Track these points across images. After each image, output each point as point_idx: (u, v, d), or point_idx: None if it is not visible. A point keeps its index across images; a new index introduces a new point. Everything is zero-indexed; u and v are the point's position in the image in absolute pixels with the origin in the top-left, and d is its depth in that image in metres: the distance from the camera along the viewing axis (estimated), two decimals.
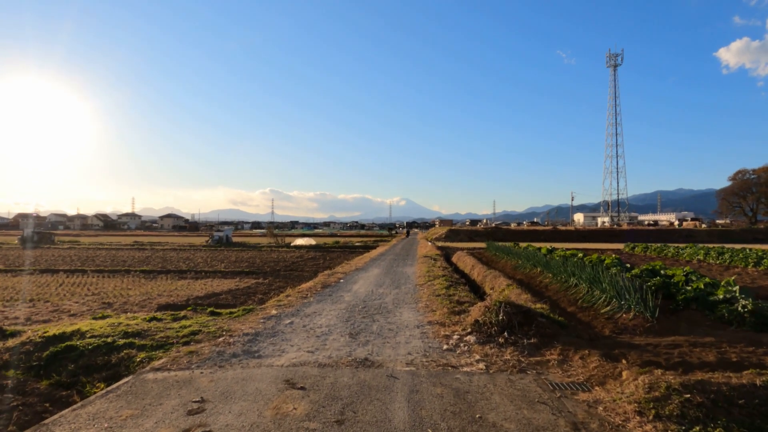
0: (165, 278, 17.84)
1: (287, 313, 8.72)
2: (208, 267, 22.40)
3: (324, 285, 13.05)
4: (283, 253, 34.35)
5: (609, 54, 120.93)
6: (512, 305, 7.14)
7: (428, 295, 10.94)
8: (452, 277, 14.45)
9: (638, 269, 11.53)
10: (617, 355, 5.62)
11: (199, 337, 6.96)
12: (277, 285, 15.71)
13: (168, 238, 66.13)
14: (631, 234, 64.90)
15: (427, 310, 9.03)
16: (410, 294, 11.36)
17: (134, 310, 11.26)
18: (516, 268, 16.27)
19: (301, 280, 17.05)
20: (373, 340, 6.76)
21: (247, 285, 15.85)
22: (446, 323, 7.69)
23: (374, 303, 10.02)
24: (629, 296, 7.79)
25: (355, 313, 8.74)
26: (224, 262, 25.73)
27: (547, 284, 12.05)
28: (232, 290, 14.51)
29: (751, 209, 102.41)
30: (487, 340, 6.53)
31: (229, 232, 50.38)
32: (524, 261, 15.98)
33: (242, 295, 13.52)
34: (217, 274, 19.44)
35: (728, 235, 61.54)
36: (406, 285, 13.14)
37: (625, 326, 7.14)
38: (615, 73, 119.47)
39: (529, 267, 14.98)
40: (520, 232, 69.49)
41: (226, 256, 30.49)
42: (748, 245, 40.25)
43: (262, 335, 7.01)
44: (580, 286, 10.16)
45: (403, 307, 9.44)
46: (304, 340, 6.75)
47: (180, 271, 20.06)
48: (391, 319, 8.20)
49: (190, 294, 13.68)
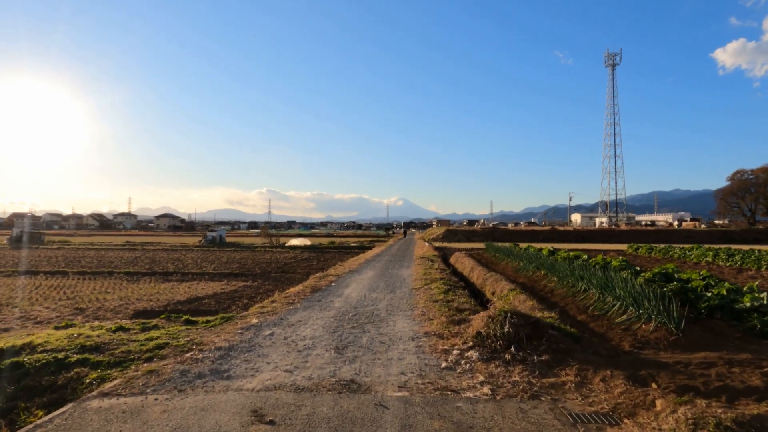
0: (149, 281, 16.98)
1: (269, 322, 7.89)
2: (196, 268, 21.54)
3: (314, 289, 12.22)
4: (276, 254, 33.50)
5: (607, 53, 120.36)
6: (519, 315, 6.33)
7: (425, 300, 10.14)
8: (450, 280, 13.65)
9: (650, 273, 10.75)
10: (645, 377, 4.82)
11: (165, 351, 6.13)
12: (266, 288, 14.88)
13: (161, 238, 65.12)
14: (630, 234, 64.24)
15: (424, 318, 8.22)
16: (405, 299, 10.55)
17: (107, 316, 10.43)
18: (518, 270, 15.48)
19: (291, 282, 16.22)
20: (362, 355, 5.94)
21: (233, 288, 15.01)
22: (445, 335, 6.88)
23: (366, 310, 9.20)
24: (648, 304, 6.99)
25: (344, 322, 7.92)
26: (214, 264, 24.87)
27: (552, 289, 11.25)
28: (217, 294, 13.67)
29: (749, 209, 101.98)
30: (492, 356, 5.72)
31: (223, 232, 49.48)
32: (526, 263, 15.19)
33: (227, 299, 12.68)
34: (205, 276, 18.60)
35: (729, 236, 60.97)
36: (401, 289, 12.33)
37: (646, 339, 6.34)
38: (613, 72, 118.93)
39: (532, 269, 14.18)
40: (518, 233, 68.76)
41: (217, 257, 29.62)
42: (749, 246, 39.61)
43: (236, 350, 6.18)
44: (590, 292, 9.36)
45: (398, 315, 8.62)
46: (284, 355, 5.93)
47: (166, 273, 19.20)
48: (384, 330, 7.38)
49: (172, 298, 12.84)
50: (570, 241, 59.28)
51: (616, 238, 61.41)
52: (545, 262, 13.34)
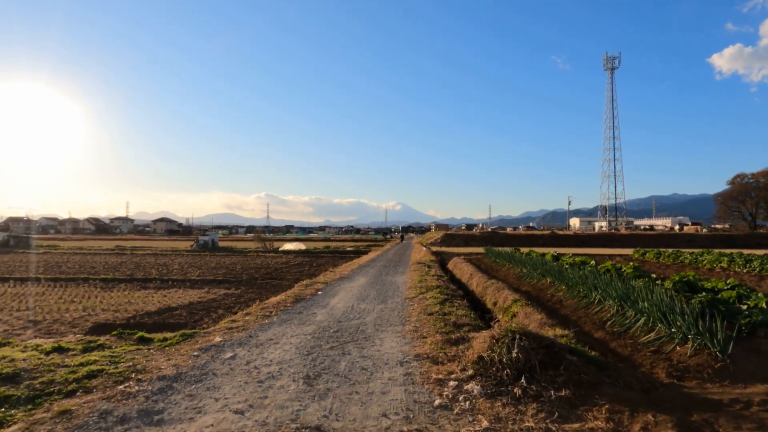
0: (124, 288, 15.80)
1: (234, 341, 6.74)
2: (180, 275, 20.36)
3: (297, 298, 11.07)
4: (268, 259, 32.33)
5: (606, 57, 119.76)
6: (530, 336, 5.20)
7: (418, 312, 9.00)
8: (448, 288, 12.51)
9: (669, 281, 9.63)
10: (699, 424, 3.70)
11: (96, 382, 4.97)
12: (248, 297, 13.71)
13: (154, 243, 63.88)
14: (632, 239, 63.23)
15: (416, 335, 7.07)
16: (397, 311, 9.40)
17: (61, 330, 9.26)
18: (520, 277, 14.34)
19: (277, 290, 15.07)
20: (337, 387, 4.80)
21: (213, 297, 13.84)
22: (440, 358, 5.74)
23: (351, 324, 8.05)
24: (682, 321, 5.86)
25: (322, 341, 6.77)
26: (201, 269, 23.69)
27: (561, 299, 10.12)
28: (192, 304, 12.51)
29: (750, 213, 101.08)
30: (498, 390, 4.58)
31: (215, 236, 48.30)
32: (530, 270, 14.06)
33: (201, 310, 11.53)
34: (186, 283, 17.42)
35: (731, 240, 59.94)
36: (393, 299, 11.18)
37: (684, 366, 5.21)
38: (612, 76, 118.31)
39: (537, 277, 13.04)
40: (517, 237, 67.67)
41: (206, 262, 28.43)
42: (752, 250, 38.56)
43: (182, 380, 5.03)
44: (606, 303, 8.23)
45: (386, 331, 7.47)
46: (239, 388, 4.78)
47: (145, 280, 18.02)
48: (368, 351, 6.23)
49: (142, 309, 11.68)
50: (570, 245, 58.20)
51: (618, 243, 60.37)
52: (552, 269, 12.21)
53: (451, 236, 67.60)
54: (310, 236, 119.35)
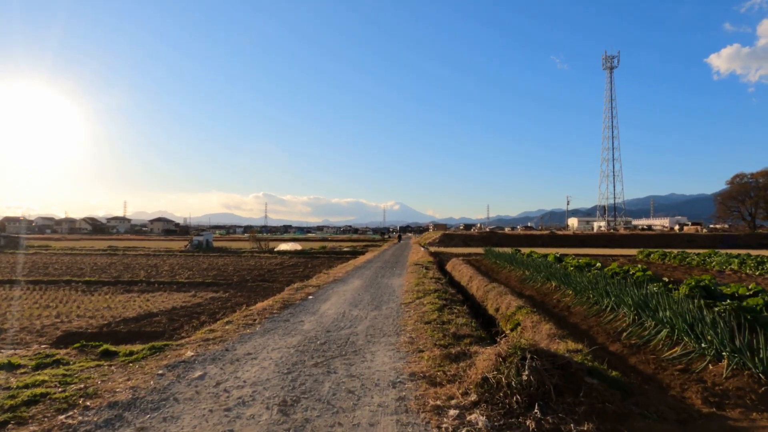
0: (107, 292, 15.05)
1: (208, 356, 6.01)
2: (168, 277, 19.60)
3: (285, 304, 10.35)
4: (262, 260, 31.57)
5: (605, 56, 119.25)
6: (542, 355, 4.48)
7: (415, 321, 8.28)
8: (447, 292, 11.79)
9: (685, 286, 8.93)
10: None
11: (34, 410, 4.24)
12: (235, 301, 12.98)
13: (149, 243, 63.01)
14: (631, 239, 62.66)
15: (412, 349, 6.35)
16: (392, 319, 8.68)
17: (26, 340, 8.52)
18: (523, 280, 13.62)
19: (267, 293, 14.35)
20: (317, 417, 4.07)
21: (199, 301, 13.10)
22: (438, 378, 5.02)
23: (341, 335, 7.33)
24: (713, 335, 5.15)
25: (306, 356, 6.04)
26: (191, 271, 22.94)
27: (568, 305, 9.41)
28: (175, 309, 11.76)
29: (749, 213, 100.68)
30: (507, 421, 3.86)
31: (210, 236, 47.49)
32: (533, 272, 13.34)
33: (184, 316, 10.78)
34: (173, 285, 16.66)
35: (732, 240, 59.35)
36: (388, 304, 10.46)
37: (722, 390, 4.50)
38: (611, 75, 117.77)
39: (541, 280, 12.33)
40: (516, 237, 67.00)
41: (198, 263, 27.67)
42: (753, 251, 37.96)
43: (136, 407, 4.30)
44: (620, 312, 7.52)
45: (379, 343, 6.75)
46: (202, 419, 4.05)
47: (130, 283, 17.25)
48: (357, 368, 5.51)
49: (120, 315, 10.93)
50: (570, 245, 57.58)
51: (617, 243, 59.78)
52: (557, 272, 11.49)
53: (449, 236, 66.91)
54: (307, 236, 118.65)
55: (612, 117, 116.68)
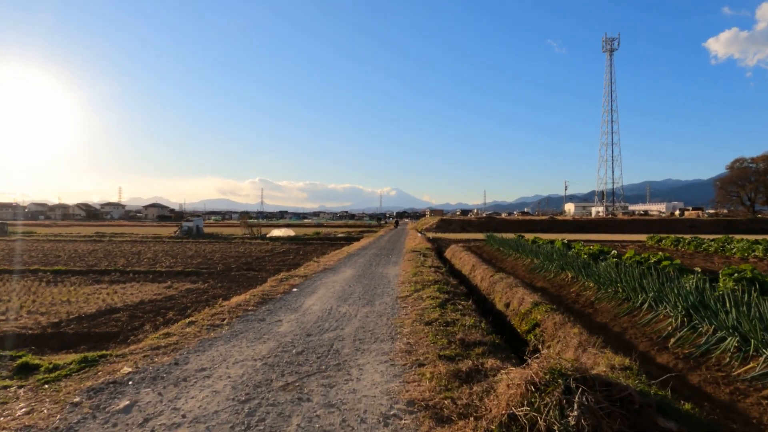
0: (75, 282, 13.70)
1: (149, 373, 4.70)
2: (147, 265, 18.27)
3: (264, 298, 9.04)
4: (253, 246, 30.24)
5: (605, 38, 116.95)
6: (594, 385, 3.19)
7: (413, 320, 6.99)
8: (448, 283, 10.51)
9: (726, 278, 7.66)
10: None
11: None
12: (213, 293, 11.67)
13: (139, 229, 61.49)
14: (632, 224, 61.63)
15: (410, 361, 5.06)
16: (386, 317, 7.39)
17: None
18: (532, 270, 12.33)
19: (251, 284, 13.07)
20: None
21: (172, 293, 11.78)
22: (445, 411, 3.73)
23: (323, 340, 6.04)
24: None
25: (275, 372, 4.74)
26: (174, 258, 21.60)
27: (589, 300, 8.14)
28: (143, 303, 10.44)
29: (749, 198, 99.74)
30: None
31: (200, 222, 46.04)
32: (544, 261, 12.05)
33: (150, 312, 9.47)
34: (149, 275, 15.33)
35: (734, 226, 58.41)
36: (382, 298, 9.17)
37: None
38: (611, 58, 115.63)
39: (554, 270, 11.04)
40: (515, 222, 65.82)
41: (184, 250, 26.32)
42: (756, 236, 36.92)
43: None
44: (661, 311, 6.23)
45: (369, 352, 5.45)
46: None
47: (103, 272, 15.90)
48: (338, 393, 4.21)
49: (77, 310, 9.60)
50: (570, 231, 56.49)
51: (618, 228, 58.73)
52: (574, 262, 10.18)
53: (446, 222, 65.68)
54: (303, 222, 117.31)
55: (612, 100, 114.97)
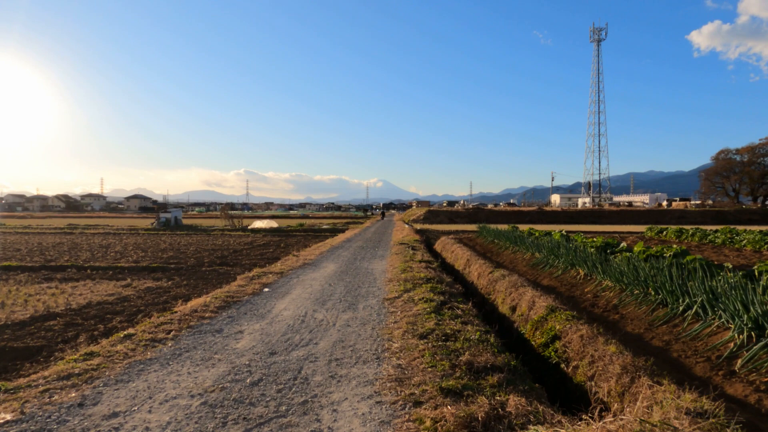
0: (20, 281, 12.15)
1: (37, 423, 3.33)
2: (111, 260, 16.73)
3: (228, 301, 7.68)
4: (232, 239, 28.72)
5: (592, 28, 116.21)
6: None
7: (404, 330, 5.69)
8: (441, 281, 9.24)
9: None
10: None
11: None
12: (175, 293, 10.26)
13: (117, 221, 59.30)
14: (621, 215, 61.20)
15: (402, 396, 3.75)
16: (371, 327, 6.08)
17: None
18: (535, 265, 11.10)
19: (221, 281, 11.71)
20: None
21: (128, 294, 10.33)
22: None
23: (290, 361, 4.71)
24: None
25: (215, 418, 3.40)
26: (145, 252, 20.05)
27: (611, 303, 6.92)
28: (89, 306, 8.99)
29: (733, 189, 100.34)
30: None
31: (179, 213, 44.19)
32: (549, 255, 10.81)
33: (92, 318, 8.03)
34: (109, 272, 13.82)
35: (722, 216, 58.21)
36: (367, 300, 7.86)
37: None
38: (598, 48, 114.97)
39: (561, 266, 9.81)
40: (503, 213, 64.93)
41: (156, 243, 24.71)
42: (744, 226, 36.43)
43: None
44: (712, 321, 5.01)
45: (347, 382, 4.14)
46: None
47: (57, 268, 14.33)
48: None
49: (8, 316, 8.11)
50: (559, 222, 55.79)
51: (606, 219, 58.20)
52: (587, 258, 8.91)
53: (434, 213, 64.54)
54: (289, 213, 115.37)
55: (599, 91, 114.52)
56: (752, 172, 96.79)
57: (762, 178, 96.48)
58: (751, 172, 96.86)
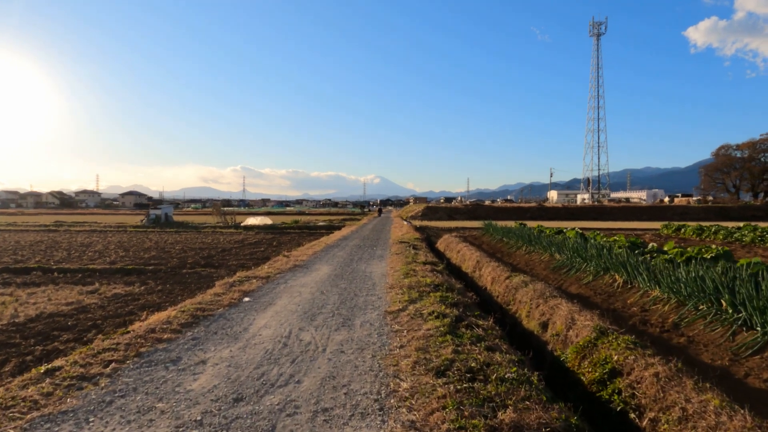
0: None
1: None
2: (86, 261, 15.37)
3: (197, 315, 6.35)
4: (223, 236, 27.36)
5: (592, 22, 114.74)
6: None
7: (414, 362, 4.37)
8: (452, 287, 7.92)
9: None
10: None
11: None
12: (145, 302, 8.94)
13: (108, 217, 57.67)
14: (624, 212, 60.07)
15: None
16: (370, 354, 4.77)
17: None
18: (556, 268, 9.77)
19: (202, 285, 10.44)
20: None
21: (90, 302, 8.99)
22: None
23: (259, 414, 3.39)
24: None
25: None
26: (126, 252, 18.69)
27: (669, 319, 5.62)
28: (36, 320, 7.63)
29: (734, 185, 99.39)
30: None
31: (169, 210, 42.69)
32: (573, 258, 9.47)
33: (33, 337, 6.65)
34: (79, 274, 12.46)
35: (726, 213, 57.16)
36: (365, 314, 6.54)
37: None
38: (598, 42, 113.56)
39: (592, 270, 8.47)
40: (503, 209, 63.68)
41: (141, 242, 23.31)
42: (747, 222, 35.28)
43: None
44: None
45: None
46: None
47: (21, 271, 12.93)
48: None
49: None
50: (560, 218, 54.61)
51: (609, 216, 57.04)
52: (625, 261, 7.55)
53: (432, 209, 63.25)
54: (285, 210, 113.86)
55: (598, 86, 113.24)
56: (753, 168, 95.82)
57: (762, 174, 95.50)
58: (751, 168, 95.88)
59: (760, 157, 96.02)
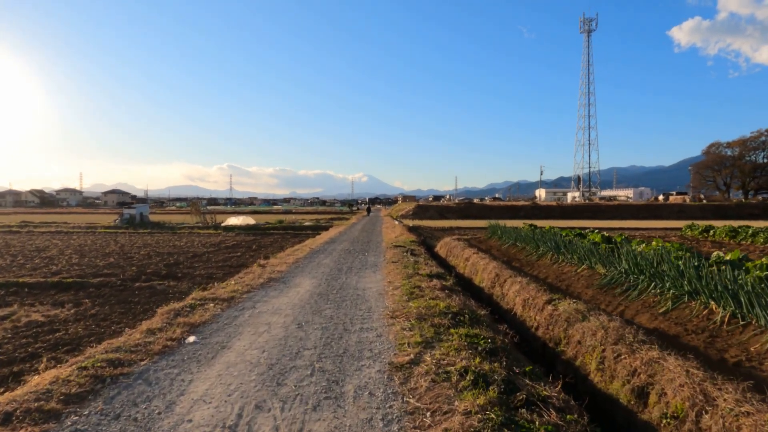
0: None
1: None
2: (28, 269, 12.99)
3: (104, 374, 4.13)
4: (199, 238, 24.99)
5: (582, 19, 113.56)
6: None
7: None
8: (476, 318, 5.81)
9: None
10: None
11: None
12: (66, 334, 6.67)
13: (79, 217, 54.65)
14: (619, 210, 58.63)
15: None
16: None
17: None
18: (606, 287, 7.62)
19: (152, 305, 8.19)
20: None
21: None
22: None
23: None
24: None
25: None
26: (82, 258, 16.28)
27: None
28: None
29: (724, 183, 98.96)
30: None
31: (145, 209, 40.01)
32: (634, 273, 7.28)
33: None
34: (2, 290, 10.11)
35: (723, 211, 55.97)
36: (360, 368, 4.38)
37: None
38: (588, 39, 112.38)
39: (670, 295, 6.28)
40: (496, 208, 61.87)
41: (104, 245, 20.85)
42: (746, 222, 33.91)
43: None
44: None
45: None
46: None
47: None
48: None
49: None
50: (555, 217, 52.93)
51: (604, 215, 55.51)
52: (730, 286, 5.35)
53: (423, 208, 61.23)
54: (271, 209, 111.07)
55: (589, 83, 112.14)
56: (743, 165, 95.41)
57: (753, 172, 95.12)
58: (742, 165, 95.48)
59: (751, 154, 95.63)
